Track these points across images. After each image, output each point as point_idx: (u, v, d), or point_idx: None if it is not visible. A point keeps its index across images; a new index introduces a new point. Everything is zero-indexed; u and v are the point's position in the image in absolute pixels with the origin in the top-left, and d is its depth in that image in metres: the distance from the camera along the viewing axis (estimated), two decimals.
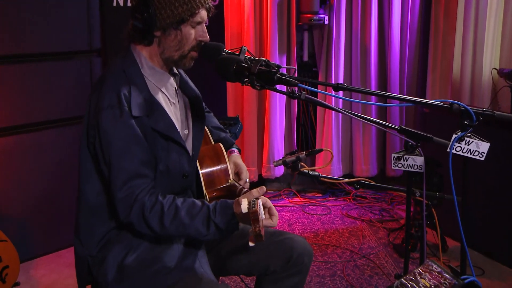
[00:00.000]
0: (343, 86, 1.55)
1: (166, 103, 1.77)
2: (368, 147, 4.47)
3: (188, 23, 1.70)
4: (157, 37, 1.72)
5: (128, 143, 1.62)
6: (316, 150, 1.93)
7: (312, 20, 4.19)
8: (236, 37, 4.28)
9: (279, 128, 4.38)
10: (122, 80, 1.68)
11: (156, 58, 1.76)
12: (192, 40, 1.73)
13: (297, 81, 1.55)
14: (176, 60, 1.75)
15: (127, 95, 1.65)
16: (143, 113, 1.65)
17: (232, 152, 2.06)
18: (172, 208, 1.62)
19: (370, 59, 4.33)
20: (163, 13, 1.67)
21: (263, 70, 1.57)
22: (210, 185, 1.86)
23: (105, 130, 1.61)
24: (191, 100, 1.91)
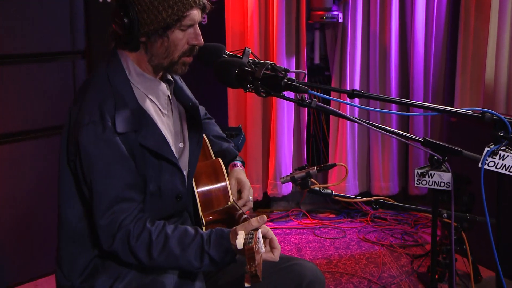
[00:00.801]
0: (359, 93, 1.55)
1: (157, 114, 1.77)
2: (388, 161, 4.46)
3: (175, 28, 1.69)
4: (143, 42, 1.72)
5: (111, 163, 1.62)
6: (328, 165, 1.93)
7: (325, 18, 4.21)
8: (238, 37, 4.30)
9: (286, 140, 4.39)
10: (106, 90, 1.68)
11: (144, 64, 1.76)
12: (183, 45, 1.72)
13: (307, 87, 1.55)
14: (166, 67, 1.75)
15: (111, 108, 1.65)
16: (130, 128, 1.65)
17: (235, 165, 2.06)
18: (162, 236, 1.62)
19: (390, 61, 4.34)
20: (146, 18, 1.66)
21: (268, 74, 1.58)
22: (207, 207, 1.86)
23: (86, 149, 1.61)
24: (187, 109, 1.91)
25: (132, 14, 1.65)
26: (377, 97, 1.62)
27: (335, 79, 4.41)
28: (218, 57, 1.77)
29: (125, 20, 1.65)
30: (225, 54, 1.81)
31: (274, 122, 4.32)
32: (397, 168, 4.51)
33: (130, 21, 1.65)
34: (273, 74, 1.59)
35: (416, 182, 1.68)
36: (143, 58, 1.74)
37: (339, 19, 4.23)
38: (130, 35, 1.67)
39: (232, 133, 2.99)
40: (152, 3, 1.65)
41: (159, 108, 1.78)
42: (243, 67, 1.63)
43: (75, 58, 3.30)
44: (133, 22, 1.65)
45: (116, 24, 1.68)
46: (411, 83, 4.38)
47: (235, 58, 1.74)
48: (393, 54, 4.34)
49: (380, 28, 4.34)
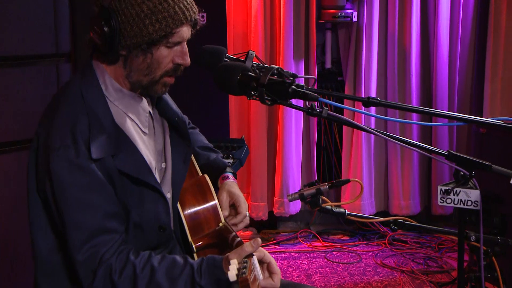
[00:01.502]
0: (375, 101, 1.55)
1: (138, 134, 1.77)
2: (408, 177, 4.46)
3: (161, 45, 1.69)
4: (122, 55, 1.71)
5: (88, 191, 1.61)
6: (341, 181, 1.92)
7: (337, 17, 4.23)
8: (241, 38, 4.32)
9: (295, 153, 4.39)
10: (79, 108, 1.66)
11: (122, 79, 1.75)
12: (167, 63, 1.72)
13: (318, 95, 1.56)
14: (145, 85, 1.75)
15: (85, 130, 1.63)
16: (107, 153, 1.64)
17: (226, 178, 2.05)
18: (147, 269, 1.61)
19: (411, 66, 4.35)
20: (129, 30, 1.65)
21: (274, 80, 1.59)
22: (196, 231, 1.85)
23: (58, 177, 1.60)
24: (171, 124, 1.91)
25: (114, 24, 1.64)
26: (395, 106, 1.62)
27: (349, 85, 4.42)
28: (219, 61, 1.78)
29: (105, 29, 1.64)
30: (226, 57, 1.81)
31: (280, 133, 4.33)
32: (418, 185, 4.50)
33: (110, 31, 1.64)
34: (279, 80, 1.59)
35: (440, 201, 1.67)
36: (120, 73, 1.73)
37: (353, 18, 4.25)
38: (109, 46, 1.65)
39: (234, 145, 3.00)
40: (139, 15, 1.64)
41: (140, 127, 1.78)
42: (246, 72, 1.63)
43: (59, 62, 3.31)
44: (114, 32, 1.63)
45: (94, 32, 1.66)
46: (434, 90, 4.38)
47: (237, 62, 1.74)
48: (414, 57, 4.35)
49: (399, 28, 4.35)
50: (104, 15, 1.65)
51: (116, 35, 1.64)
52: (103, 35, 1.64)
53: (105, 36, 1.64)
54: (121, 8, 1.65)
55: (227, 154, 2.91)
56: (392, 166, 4.48)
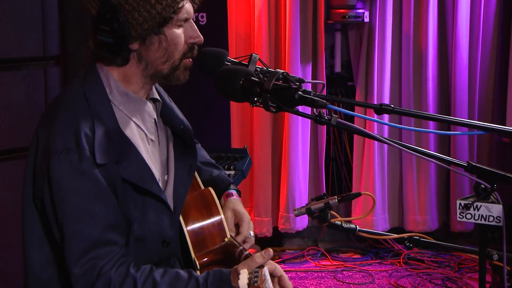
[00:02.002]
0: (389, 108, 1.55)
1: (143, 141, 1.78)
2: (424, 191, 4.45)
3: (171, 24, 1.72)
4: (135, 50, 1.73)
5: (90, 200, 1.61)
6: (352, 194, 1.92)
7: (347, 17, 4.23)
8: (244, 40, 4.33)
9: (301, 164, 4.39)
10: (82, 111, 1.68)
11: (135, 79, 1.77)
12: (182, 44, 1.75)
13: (326, 101, 1.56)
14: (167, 74, 1.77)
15: (89, 133, 1.64)
16: (111, 159, 1.65)
17: (230, 195, 2.06)
18: (149, 283, 1.61)
19: (427, 70, 4.35)
20: (137, 17, 1.67)
21: (280, 85, 1.59)
22: (200, 247, 1.85)
23: (58, 183, 1.61)
24: (177, 133, 1.93)
25: (122, 16, 1.66)
26: (410, 113, 1.63)
27: (360, 91, 4.42)
28: (220, 65, 1.79)
29: (114, 25, 1.66)
30: (227, 61, 1.82)
31: (286, 142, 4.33)
32: (436, 199, 4.49)
33: (120, 25, 1.66)
34: (285, 85, 1.60)
35: (459, 216, 1.67)
36: (134, 72, 1.75)
37: (364, 18, 4.26)
38: (121, 42, 1.68)
39: (236, 155, 3.00)
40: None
41: (146, 133, 1.80)
42: (249, 76, 1.64)
43: (47, 65, 3.32)
44: (124, 25, 1.66)
45: (102, 33, 1.68)
46: (452, 96, 4.37)
47: (239, 66, 1.75)
48: (431, 60, 4.35)
49: (414, 28, 4.35)
50: (108, 11, 1.67)
51: (127, 28, 1.67)
52: (113, 32, 1.66)
53: (115, 32, 1.66)
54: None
55: (228, 165, 2.92)
56: (407, 178, 4.47)
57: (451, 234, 4.52)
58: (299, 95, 1.57)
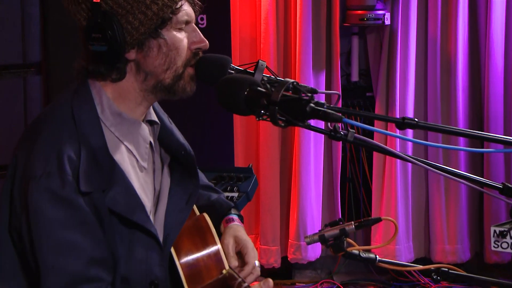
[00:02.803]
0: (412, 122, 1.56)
1: (134, 168, 1.78)
2: (454, 216, 4.43)
3: (171, 26, 1.73)
4: (132, 61, 1.74)
5: (71, 231, 1.61)
6: (371, 219, 1.92)
7: (366, 20, 4.25)
8: (249, 46, 4.35)
9: (314, 185, 4.39)
10: (67, 132, 1.67)
11: (132, 95, 1.77)
12: (184, 49, 1.76)
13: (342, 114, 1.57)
14: (170, 84, 1.77)
15: (74, 157, 1.64)
16: (97, 187, 1.65)
17: (230, 221, 2.05)
18: None
19: (457, 79, 4.35)
20: (132, 20, 1.69)
21: (289, 97, 1.59)
22: (195, 282, 1.84)
23: (36, 211, 1.60)
24: (176, 159, 1.93)
25: (115, 22, 1.67)
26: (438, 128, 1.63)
27: (380, 102, 4.43)
28: (222, 73, 1.79)
29: (109, 32, 1.66)
30: (231, 69, 1.82)
31: (296, 160, 4.34)
32: (467, 226, 4.47)
33: (114, 30, 1.67)
34: (295, 97, 1.60)
35: (494, 245, 1.67)
36: (131, 87, 1.76)
37: (385, 20, 4.27)
38: (118, 48, 1.68)
39: (240, 175, 3.00)
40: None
41: (137, 159, 1.79)
42: (255, 86, 1.64)
43: (27, 74, 3.33)
44: (119, 32, 1.67)
45: (94, 42, 1.69)
46: (485, 109, 4.37)
47: (244, 75, 1.75)
48: (461, 68, 4.35)
49: (442, 32, 4.36)
50: (99, 16, 1.68)
51: (121, 34, 1.68)
52: (107, 39, 1.67)
53: (109, 39, 1.67)
54: (115, 1, 1.68)
55: (231, 187, 2.92)
56: (434, 201, 4.46)
57: (485, 265, 4.49)
58: (311, 108, 1.57)
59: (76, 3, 1.72)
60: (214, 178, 3.03)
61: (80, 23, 1.73)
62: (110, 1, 1.69)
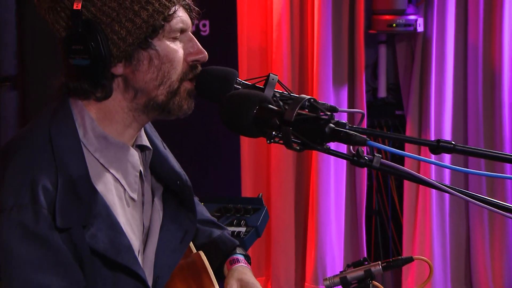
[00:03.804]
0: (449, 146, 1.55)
1: (121, 199, 1.78)
2: (500, 255, 4.39)
3: (163, 35, 1.74)
4: (119, 76, 1.74)
5: (45, 272, 1.61)
6: (402, 259, 1.92)
7: (395, 26, 4.25)
8: (258, 56, 4.36)
9: (335, 218, 4.37)
10: (44, 157, 1.68)
11: (120, 116, 1.77)
12: (179, 61, 1.76)
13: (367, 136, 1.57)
14: (164, 102, 1.76)
15: (50, 187, 1.64)
16: (76, 222, 1.65)
17: (235, 261, 2.06)
18: None
19: (502, 95, 4.34)
20: (119, 29, 1.69)
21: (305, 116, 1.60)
22: None
23: (6, 248, 1.61)
24: (171, 190, 1.94)
25: (99, 30, 1.68)
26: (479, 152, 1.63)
27: (412, 122, 4.43)
28: (227, 89, 1.80)
29: (92, 44, 1.67)
30: (237, 83, 1.83)
31: (314, 190, 4.33)
32: None
33: (97, 42, 1.67)
34: (312, 116, 1.60)
35: None
36: (118, 106, 1.76)
37: (417, 27, 4.28)
38: (102, 62, 1.68)
39: (248, 207, 3.00)
40: (122, 4, 1.69)
41: (125, 190, 1.80)
42: (266, 104, 1.65)
43: (2, 88, 3.36)
44: (102, 42, 1.67)
45: (75, 55, 1.69)
46: None
47: (253, 90, 1.76)
48: (507, 82, 4.34)
49: (485, 40, 4.36)
50: (81, 27, 1.68)
51: (106, 45, 1.68)
52: (90, 51, 1.67)
53: (92, 51, 1.67)
54: (98, 8, 1.69)
55: (237, 220, 2.92)
56: (476, 238, 4.44)
57: None
58: (330, 128, 1.58)
59: (54, 11, 1.72)
60: (217, 210, 3.02)
61: (59, 33, 1.73)
62: (93, 8, 1.69)
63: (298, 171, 4.44)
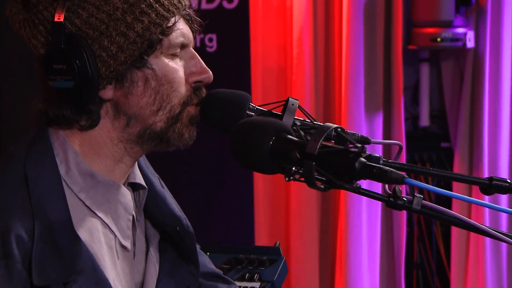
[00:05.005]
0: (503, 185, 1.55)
1: (110, 249, 1.79)
2: None
3: (161, 51, 1.74)
4: (109, 100, 1.73)
5: None
6: None
7: (440, 40, 4.26)
8: (275, 77, 4.38)
9: (368, 272, 4.38)
10: (18, 202, 1.68)
11: (108, 149, 1.78)
12: (180, 82, 1.77)
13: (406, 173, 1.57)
14: (163, 130, 1.76)
15: (25, 237, 1.65)
16: (56, 279, 1.66)
17: None
18: None
19: None
20: (108, 45, 1.69)
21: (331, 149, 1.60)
22: None
23: None
24: (170, 237, 1.95)
25: (84, 46, 1.67)
26: None
27: (461, 156, 4.43)
28: (238, 116, 1.80)
29: (77, 63, 1.65)
30: (250, 109, 1.84)
31: (342, 238, 4.33)
32: None
33: (83, 60, 1.67)
34: (340, 148, 1.61)
35: None
36: (107, 137, 1.76)
37: (467, 41, 4.28)
38: (88, 85, 1.67)
39: (263, 257, 3.00)
40: (112, 15, 1.69)
41: (116, 237, 1.80)
42: (284, 134, 1.66)
43: None
44: (88, 61, 1.66)
45: (54, 77, 1.68)
46: None
47: (269, 118, 1.76)
48: None
49: None
50: (63, 43, 1.67)
51: (94, 64, 1.67)
52: (73, 71, 1.66)
53: (77, 72, 1.67)
54: (84, 20, 1.69)
55: (250, 274, 2.92)
56: None
57: None
58: (361, 163, 1.58)
59: (31, 25, 1.71)
60: (226, 261, 3.02)
61: (37, 50, 1.73)
62: (78, 20, 1.69)
63: (323, 214, 4.44)
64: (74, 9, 1.69)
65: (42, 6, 1.69)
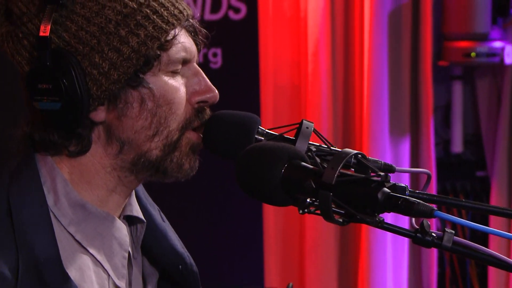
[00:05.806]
0: None
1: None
2: None
3: (159, 68, 1.74)
4: (100, 123, 1.74)
5: None
6: None
7: (474, 56, 4.27)
8: (288, 97, 4.40)
9: None
10: (0, 236, 1.69)
11: (100, 177, 1.78)
12: (181, 102, 1.77)
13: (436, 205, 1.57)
14: (160, 159, 1.77)
15: (9, 275, 1.65)
16: None
17: None
18: None
19: None
20: (100, 62, 1.69)
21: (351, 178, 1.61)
22: None
23: None
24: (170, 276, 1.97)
25: (74, 64, 1.67)
26: None
27: (499, 186, 4.43)
28: (246, 141, 1.81)
29: (64, 81, 1.65)
30: (259, 133, 1.84)
31: (364, 278, 4.34)
32: None
33: (72, 78, 1.67)
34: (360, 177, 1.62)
35: None
36: (98, 165, 1.77)
37: (505, 57, 4.29)
38: (78, 107, 1.68)
39: None
40: (104, 28, 1.69)
41: (110, 276, 1.81)
42: (298, 161, 1.67)
43: None
44: (77, 79, 1.67)
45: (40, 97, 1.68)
46: None
47: (280, 143, 1.76)
48: None
49: None
50: (50, 59, 1.67)
51: (83, 83, 1.67)
52: (61, 92, 1.66)
53: (66, 93, 1.66)
54: (72, 33, 1.69)
55: None
56: None
57: None
58: (385, 194, 1.58)
59: (14, 38, 1.72)
60: None
61: (21, 67, 1.73)
62: (66, 34, 1.69)
63: (341, 252, 4.45)
64: (61, 21, 1.69)
65: (26, 18, 1.70)
